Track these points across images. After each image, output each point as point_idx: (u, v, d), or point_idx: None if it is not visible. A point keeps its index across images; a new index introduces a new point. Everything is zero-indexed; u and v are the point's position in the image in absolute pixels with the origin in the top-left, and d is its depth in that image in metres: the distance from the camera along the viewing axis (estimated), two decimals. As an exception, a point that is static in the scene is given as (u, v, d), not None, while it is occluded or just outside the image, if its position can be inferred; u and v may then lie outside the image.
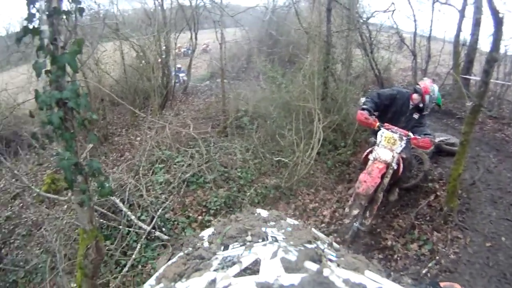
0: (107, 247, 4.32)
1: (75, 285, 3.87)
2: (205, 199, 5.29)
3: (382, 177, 3.99)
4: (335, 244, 1.79)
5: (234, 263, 1.28)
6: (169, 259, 1.69)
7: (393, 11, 10.27)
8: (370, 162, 4.09)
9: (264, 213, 2.15)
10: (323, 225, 4.89)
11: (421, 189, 5.09)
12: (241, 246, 1.56)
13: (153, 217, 4.73)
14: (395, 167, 4.08)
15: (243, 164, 5.90)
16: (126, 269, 4.13)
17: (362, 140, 6.66)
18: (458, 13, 9.48)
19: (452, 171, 4.34)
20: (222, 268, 1.29)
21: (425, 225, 4.46)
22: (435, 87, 4.42)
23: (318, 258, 1.25)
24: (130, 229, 4.59)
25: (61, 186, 6.37)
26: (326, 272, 1.04)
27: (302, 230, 1.81)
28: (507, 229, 4.26)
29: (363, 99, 5.29)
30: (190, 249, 1.67)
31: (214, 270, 1.27)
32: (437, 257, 3.96)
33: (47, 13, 1.85)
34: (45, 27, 1.86)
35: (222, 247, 1.62)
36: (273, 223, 1.95)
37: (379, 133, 4.18)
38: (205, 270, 1.30)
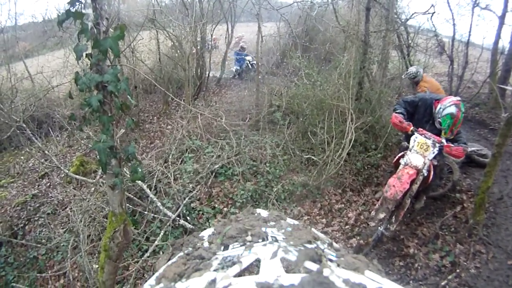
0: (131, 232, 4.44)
1: (96, 266, 4.00)
2: (232, 191, 5.34)
3: (412, 183, 3.90)
4: (335, 244, 1.76)
5: (234, 263, 1.26)
6: (169, 259, 1.69)
7: (433, 13, 9.98)
8: (400, 167, 4.01)
9: (264, 213, 2.14)
10: (347, 226, 4.85)
11: (448, 199, 4.95)
12: (241, 246, 1.53)
13: (179, 206, 4.81)
14: (426, 174, 3.98)
15: (273, 159, 5.91)
16: (147, 254, 4.22)
17: (393, 144, 6.53)
18: (498, 19, 9.13)
19: (481, 184, 4.20)
20: (222, 268, 1.27)
21: (449, 236, 4.36)
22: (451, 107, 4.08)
23: (318, 258, 1.22)
24: (155, 215, 4.69)
25: (89, 169, 6.59)
26: (326, 272, 1.01)
27: (302, 230, 1.78)
28: None
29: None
30: (190, 249, 1.67)
31: (214, 270, 1.25)
32: (458, 270, 3.87)
33: None
34: (89, 11, 1.91)
35: (222, 247, 1.60)
36: (273, 223, 1.92)
37: (412, 138, 4.10)
38: (205, 270, 1.27)
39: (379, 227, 4.13)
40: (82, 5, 1.91)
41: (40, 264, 5.15)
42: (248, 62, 12.52)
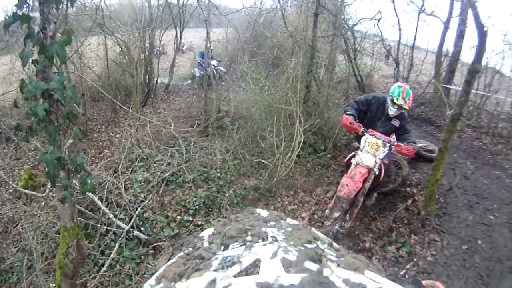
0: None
1: (53, 285, 3.80)
2: (184, 198, 5.26)
3: (364, 181, 4.07)
4: (335, 244, 1.81)
5: (234, 263, 1.29)
6: (169, 259, 1.68)
7: (379, 19, 10.46)
8: (352, 166, 4.16)
9: (264, 213, 2.16)
10: (302, 226, 4.92)
11: (399, 194, 5.21)
12: (241, 246, 1.57)
13: (131, 216, 4.67)
14: (377, 173, 4.18)
15: (223, 165, 5.89)
16: (104, 268, 4.05)
17: (342, 145, 6.76)
18: (443, 24, 9.71)
19: (430, 177, 4.47)
20: (222, 268, 1.29)
21: (403, 228, 4.58)
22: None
23: (318, 258, 1.26)
24: (108, 228, 4.52)
25: (39, 182, 6.23)
26: (326, 272, 1.05)
27: (302, 230, 1.82)
28: (483, 232, 4.40)
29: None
30: (190, 249, 1.67)
31: (214, 270, 1.28)
32: (415, 259, 4.06)
33: (38, 0, 1.82)
34: (36, 14, 1.82)
35: (222, 247, 1.61)
36: (273, 223, 1.96)
37: (362, 138, 4.27)
38: (205, 270, 1.30)
39: (335, 226, 4.25)
40: (30, 8, 1.82)
41: None
42: (213, 67, 11.51)
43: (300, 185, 5.74)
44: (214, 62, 11.54)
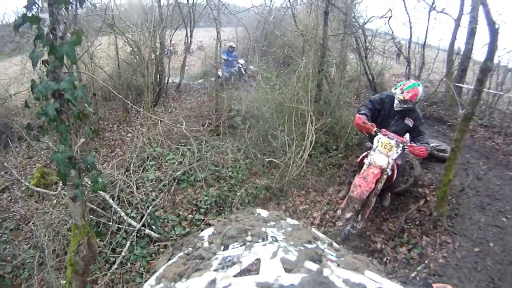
0: (97, 244, 4.28)
1: (64, 281, 3.83)
2: (195, 197, 5.26)
3: (376, 182, 4.03)
4: (335, 244, 1.80)
5: (234, 263, 1.29)
6: (169, 259, 1.68)
7: (390, 17, 10.38)
8: (365, 167, 4.13)
9: (264, 213, 2.16)
10: (313, 226, 4.90)
11: (411, 194, 5.16)
12: (241, 246, 1.57)
13: (143, 215, 4.68)
14: (390, 173, 4.13)
15: (234, 164, 5.89)
16: (115, 266, 4.07)
17: (354, 144, 6.72)
18: (454, 22, 9.60)
19: (442, 177, 4.40)
20: (222, 268, 1.29)
21: (415, 229, 4.52)
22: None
23: (318, 258, 1.25)
24: (119, 226, 4.55)
25: (51, 180, 6.30)
26: (326, 272, 1.04)
27: (302, 230, 1.81)
28: (495, 235, 4.33)
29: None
30: (190, 249, 1.67)
31: (214, 270, 1.27)
32: (426, 261, 4.01)
33: (47, 1, 1.83)
34: (45, 15, 1.83)
35: (222, 247, 1.62)
36: (273, 223, 1.95)
37: (375, 138, 4.24)
38: (205, 270, 1.30)
39: (347, 226, 4.22)
40: (39, 9, 1.84)
41: (7, 283, 4.84)
42: (240, 66, 11.34)
43: (312, 185, 5.71)
44: (242, 61, 11.36)
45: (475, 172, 5.82)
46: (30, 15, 1.80)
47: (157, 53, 9.34)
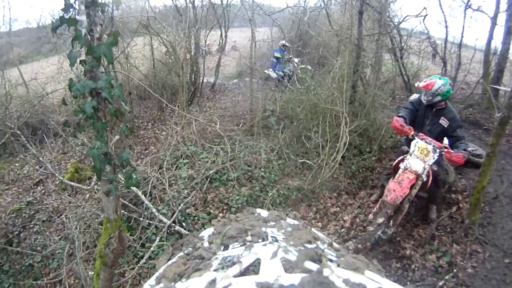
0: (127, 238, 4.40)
1: (92, 273, 3.97)
2: (227, 196, 5.32)
3: (411, 188, 3.93)
4: (335, 244, 1.78)
5: (234, 263, 1.30)
6: (169, 259, 1.70)
7: (425, 16, 10.11)
8: (400, 171, 4.03)
9: (264, 213, 2.16)
10: (343, 230, 4.85)
11: (443, 200, 4.98)
12: (241, 246, 1.57)
13: (174, 212, 4.79)
14: (425, 179, 4.01)
15: (267, 164, 5.90)
16: (143, 260, 4.19)
17: (388, 147, 6.58)
18: (490, 20, 9.23)
19: (476, 184, 4.24)
20: (222, 268, 1.31)
21: (445, 236, 4.39)
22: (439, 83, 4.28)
23: (318, 258, 1.25)
24: (150, 221, 4.67)
25: (84, 175, 6.56)
26: (326, 272, 1.03)
27: (302, 230, 1.81)
28: None
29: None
30: (190, 249, 1.69)
31: (214, 270, 1.29)
32: (455, 270, 3.90)
33: (84, 3, 1.91)
34: (82, 17, 1.92)
35: (222, 247, 1.63)
36: (273, 223, 1.95)
37: (413, 142, 4.14)
38: (205, 270, 1.31)
39: (378, 232, 4.15)
40: (76, 12, 1.92)
41: (35, 271, 5.11)
42: (296, 65, 9.88)
43: (344, 187, 5.65)
44: (297, 60, 10.41)
45: (510, 179, 5.55)
46: (67, 17, 1.91)
47: (192, 53, 9.51)
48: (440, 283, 3.78)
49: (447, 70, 10.19)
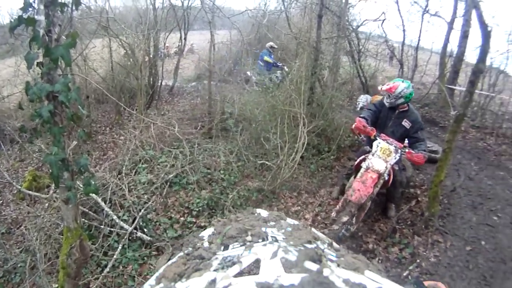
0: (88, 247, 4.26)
1: (55, 285, 3.81)
2: (187, 200, 5.25)
3: (373, 186, 4.04)
4: (335, 244, 1.81)
5: (234, 263, 1.29)
6: (169, 259, 1.68)
7: (383, 20, 10.47)
8: (362, 170, 4.13)
9: (264, 213, 2.16)
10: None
11: (402, 195, 5.16)
12: (241, 246, 1.57)
13: (135, 218, 4.67)
14: (386, 178, 4.15)
15: (227, 166, 5.89)
16: (107, 269, 4.06)
17: (346, 146, 6.75)
18: (447, 25, 9.69)
19: (434, 178, 4.46)
20: (222, 268, 1.29)
21: (406, 229, 4.57)
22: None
23: (318, 258, 1.26)
24: (111, 229, 4.52)
25: (43, 183, 6.26)
26: (326, 272, 1.05)
27: (302, 230, 1.82)
28: (487, 233, 4.41)
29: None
30: (190, 249, 1.67)
31: (214, 270, 1.28)
32: (418, 260, 4.05)
33: (44, 3, 1.84)
34: (41, 18, 1.84)
35: (222, 247, 1.62)
36: (273, 223, 1.96)
37: (375, 143, 4.25)
38: (205, 270, 1.30)
39: (342, 230, 4.21)
40: (35, 11, 1.85)
41: None
42: (285, 72, 8.74)
43: (304, 187, 5.72)
44: (286, 68, 8.94)
45: (466, 172, 5.89)
46: (26, 17, 1.82)
47: (151, 56, 9.35)
48: (405, 274, 3.91)
49: (404, 71, 10.58)
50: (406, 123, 4.44)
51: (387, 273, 3.95)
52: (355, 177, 4.22)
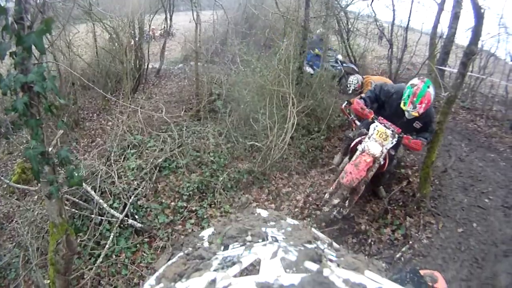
0: (80, 238, 4.21)
1: (48, 281, 3.79)
2: (177, 184, 5.23)
3: (368, 170, 3.96)
4: (335, 244, 1.82)
5: (234, 263, 1.28)
6: (169, 259, 1.67)
7: (373, 0, 10.33)
8: (357, 153, 4.05)
9: (264, 213, 2.17)
10: (296, 209, 4.91)
11: (394, 175, 5.18)
12: (241, 246, 1.57)
13: (125, 205, 4.63)
14: (382, 162, 4.07)
15: (216, 149, 5.85)
16: (100, 259, 4.03)
17: (336, 126, 6.74)
18: (437, 6, 9.59)
19: (425, 159, 4.45)
20: (222, 268, 1.29)
21: (398, 210, 4.59)
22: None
23: (318, 258, 1.26)
24: (102, 218, 4.48)
25: (32, 176, 6.19)
26: (326, 272, 1.04)
27: (302, 230, 1.83)
28: (478, 215, 4.42)
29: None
30: (190, 249, 1.68)
31: (214, 270, 1.27)
32: (410, 242, 4.09)
33: None
34: (11, 5, 1.76)
35: (222, 247, 1.62)
36: (273, 223, 1.96)
37: (372, 126, 4.10)
38: (205, 270, 1.29)
39: (333, 212, 4.19)
40: None
41: None
42: (340, 63, 8.70)
43: (294, 167, 5.72)
44: (340, 57, 9.11)
45: (457, 153, 5.91)
46: None
47: (136, 39, 9.18)
48: (397, 255, 3.94)
49: (394, 51, 10.52)
50: (417, 124, 4.10)
51: (380, 254, 4.01)
52: (350, 159, 4.16)
